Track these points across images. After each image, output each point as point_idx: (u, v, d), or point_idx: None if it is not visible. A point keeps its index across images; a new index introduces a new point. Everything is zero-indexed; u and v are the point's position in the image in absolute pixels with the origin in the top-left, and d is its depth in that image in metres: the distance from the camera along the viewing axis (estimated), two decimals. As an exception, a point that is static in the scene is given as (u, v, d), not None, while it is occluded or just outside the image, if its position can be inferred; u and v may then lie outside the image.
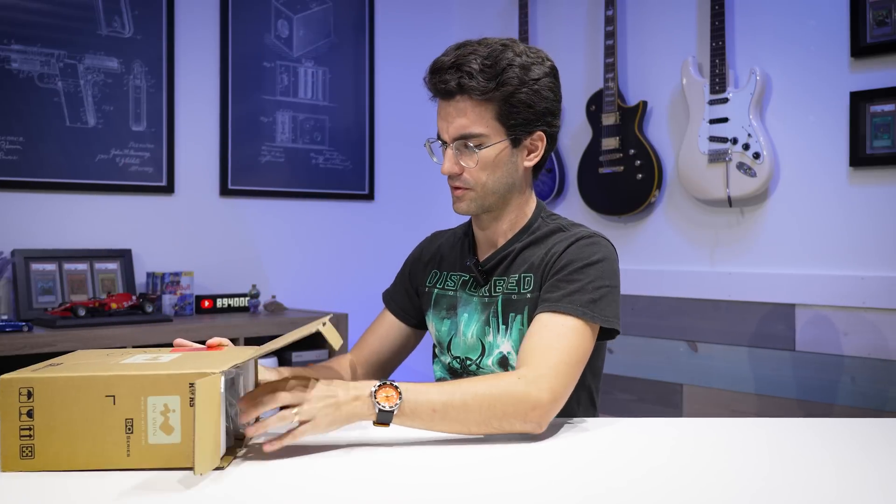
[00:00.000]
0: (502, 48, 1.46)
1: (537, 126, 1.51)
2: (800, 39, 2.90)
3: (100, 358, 1.22)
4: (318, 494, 1.05)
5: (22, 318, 2.78)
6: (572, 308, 1.41)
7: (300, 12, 3.53)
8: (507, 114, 1.47)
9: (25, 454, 1.08)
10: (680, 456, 1.26)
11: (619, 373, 3.36)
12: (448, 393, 1.27)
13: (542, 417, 1.30)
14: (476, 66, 1.43)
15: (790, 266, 2.93)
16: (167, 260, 3.20)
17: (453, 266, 1.65)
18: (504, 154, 1.50)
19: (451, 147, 1.49)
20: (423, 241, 1.78)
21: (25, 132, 2.90)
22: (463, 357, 1.58)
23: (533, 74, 1.47)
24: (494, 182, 1.51)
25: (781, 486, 1.10)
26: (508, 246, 1.57)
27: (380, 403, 1.22)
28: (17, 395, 1.08)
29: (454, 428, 1.28)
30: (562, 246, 1.50)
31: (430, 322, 1.66)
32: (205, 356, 1.22)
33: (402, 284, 1.74)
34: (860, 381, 2.74)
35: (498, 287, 1.55)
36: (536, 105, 1.48)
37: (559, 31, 3.63)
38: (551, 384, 1.31)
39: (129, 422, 1.08)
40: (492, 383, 1.30)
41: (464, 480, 1.11)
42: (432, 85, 1.48)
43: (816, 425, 1.56)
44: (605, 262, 1.48)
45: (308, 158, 3.56)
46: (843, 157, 2.80)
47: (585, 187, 3.40)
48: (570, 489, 1.08)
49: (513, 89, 1.45)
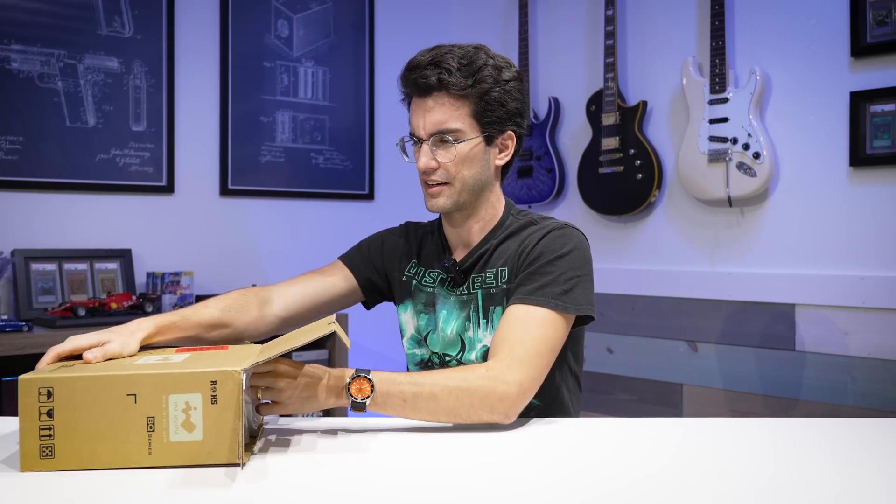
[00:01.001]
0: (475, 50, 1.54)
1: (508, 125, 1.57)
2: (800, 39, 2.91)
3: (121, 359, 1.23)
4: (340, 491, 1.05)
5: (22, 318, 2.76)
6: (544, 300, 1.46)
7: (300, 12, 3.53)
8: (481, 111, 1.53)
9: (45, 454, 1.08)
10: (685, 456, 1.26)
11: (619, 373, 3.36)
12: (418, 384, 1.33)
13: (510, 409, 1.36)
14: (454, 64, 1.50)
15: (790, 266, 2.94)
16: (167, 260, 3.19)
17: (430, 262, 1.68)
18: (478, 150, 1.55)
19: (428, 143, 1.54)
20: (396, 228, 1.78)
21: (25, 132, 2.89)
22: (441, 353, 1.62)
23: (504, 76, 1.54)
24: (469, 178, 1.55)
25: (786, 485, 1.10)
26: (483, 244, 1.60)
27: (353, 396, 1.29)
28: (36, 394, 1.08)
29: (423, 417, 1.35)
30: (534, 238, 1.55)
31: (404, 312, 1.68)
32: (216, 355, 1.22)
33: (367, 255, 1.72)
34: (860, 381, 2.75)
35: (476, 283, 1.59)
36: (508, 105, 1.55)
37: (559, 31, 3.63)
38: (518, 376, 1.36)
39: (150, 420, 1.08)
40: (461, 376, 1.35)
41: (464, 482, 1.11)
42: (411, 81, 1.55)
43: (820, 425, 1.56)
44: (576, 251, 1.52)
45: (308, 158, 3.56)
46: (843, 156, 2.81)
47: (585, 187, 3.41)
48: (573, 489, 1.08)
49: (488, 87, 1.51)
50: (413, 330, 1.66)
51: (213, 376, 1.08)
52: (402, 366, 1.75)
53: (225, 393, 1.07)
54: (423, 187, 1.59)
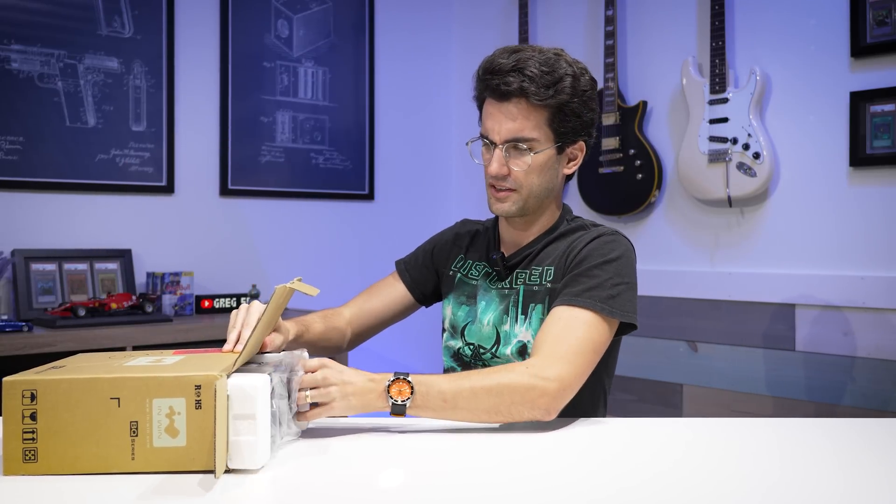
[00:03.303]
0: (556, 57, 1.51)
1: (581, 136, 1.56)
2: (800, 39, 2.90)
3: (102, 361, 1.21)
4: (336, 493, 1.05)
5: (22, 318, 2.77)
6: (590, 303, 1.44)
7: (300, 12, 3.53)
8: (559, 121, 1.51)
9: (28, 458, 1.06)
10: (690, 455, 1.27)
11: (619, 373, 3.34)
12: (458, 384, 1.31)
13: (550, 405, 1.33)
14: (536, 71, 1.47)
15: (790, 266, 2.93)
16: (167, 260, 3.20)
17: (478, 256, 1.68)
18: (551, 160, 1.54)
19: (501, 148, 1.51)
20: (454, 225, 1.80)
21: (25, 132, 2.90)
22: (477, 344, 1.60)
23: (582, 86, 1.52)
24: (537, 186, 1.54)
25: (792, 485, 1.11)
26: (532, 245, 1.60)
27: (393, 398, 1.27)
28: (20, 397, 1.06)
29: (464, 416, 1.32)
30: (582, 242, 1.54)
31: (447, 305, 1.69)
32: (209, 358, 1.22)
33: (423, 259, 1.76)
34: (860, 381, 2.74)
35: (518, 279, 1.58)
36: (584, 116, 1.54)
37: (559, 30, 3.63)
38: (559, 372, 1.34)
39: (133, 424, 1.07)
40: (501, 374, 1.33)
41: (474, 483, 1.11)
42: (491, 85, 1.50)
43: (824, 425, 1.57)
44: (624, 258, 1.52)
45: (308, 158, 3.56)
46: (843, 157, 2.80)
47: (585, 187, 3.40)
48: (581, 489, 1.08)
49: (567, 98, 1.50)
50: (451, 321, 1.66)
51: (197, 380, 1.07)
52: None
53: (209, 398, 1.07)
54: (488, 189, 1.57)
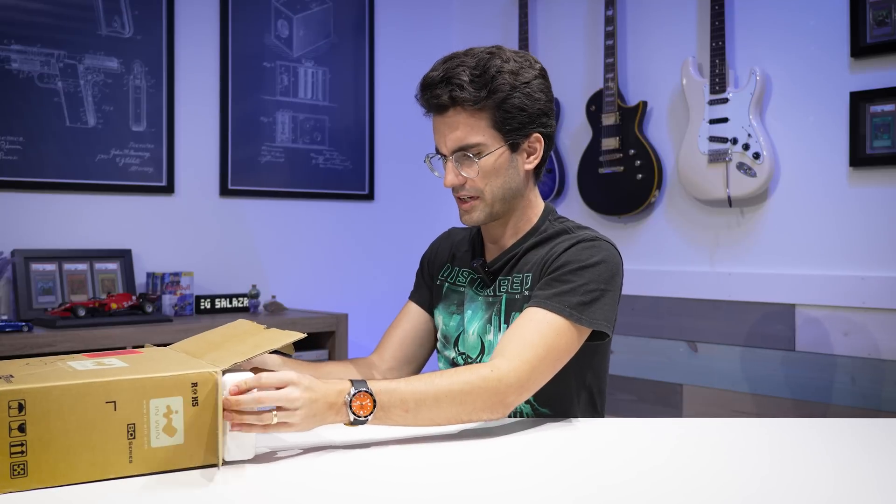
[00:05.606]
0: (489, 56, 1.49)
1: (532, 128, 1.53)
2: (800, 39, 2.90)
3: (39, 367, 1.14)
4: (321, 490, 1.05)
5: (22, 319, 2.77)
6: (559, 307, 1.43)
7: (300, 12, 3.53)
8: (501, 120, 1.49)
9: (17, 472, 1.00)
10: (678, 455, 1.27)
11: (619, 373, 3.36)
12: (421, 393, 1.29)
13: (508, 407, 1.36)
14: (466, 78, 1.46)
15: (790, 266, 2.93)
16: (167, 260, 3.20)
17: (464, 263, 1.68)
18: (503, 160, 1.52)
19: (451, 160, 1.51)
20: (440, 236, 1.80)
21: (25, 132, 2.90)
22: (467, 354, 1.60)
23: (523, 78, 1.50)
24: (498, 188, 1.52)
25: (780, 485, 1.11)
26: (514, 248, 1.59)
27: (355, 413, 1.23)
28: (6, 408, 0.99)
29: (424, 424, 1.32)
30: (562, 246, 1.52)
31: (437, 315, 1.69)
32: (161, 354, 1.22)
33: (423, 279, 1.76)
34: (860, 381, 2.74)
35: (502, 287, 1.57)
36: (529, 108, 1.51)
37: (559, 30, 3.63)
38: (520, 376, 1.36)
39: (131, 427, 1.05)
40: (465, 379, 1.32)
41: (455, 480, 1.11)
42: (425, 101, 1.51)
43: (816, 425, 1.57)
44: (603, 264, 1.49)
45: (308, 158, 3.56)
46: (842, 157, 2.80)
47: (585, 187, 3.40)
48: (562, 488, 1.08)
49: (505, 95, 1.47)
50: (443, 331, 1.67)
51: (195, 378, 1.07)
52: None
53: (205, 394, 1.07)
54: (456, 201, 1.56)
